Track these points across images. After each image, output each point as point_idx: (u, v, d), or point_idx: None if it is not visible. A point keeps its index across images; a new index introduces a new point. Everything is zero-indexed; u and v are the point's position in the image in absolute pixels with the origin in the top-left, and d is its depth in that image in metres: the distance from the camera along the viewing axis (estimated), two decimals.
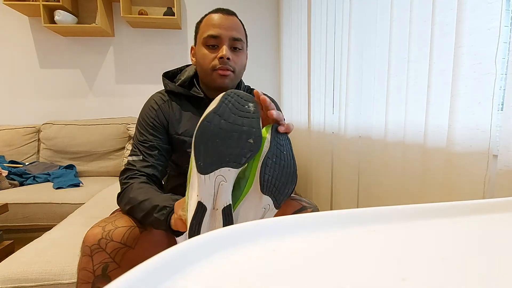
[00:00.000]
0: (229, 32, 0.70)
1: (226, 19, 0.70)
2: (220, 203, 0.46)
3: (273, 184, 0.50)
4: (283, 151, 0.52)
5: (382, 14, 0.97)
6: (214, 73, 0.70)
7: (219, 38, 0.69)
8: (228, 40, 0.70)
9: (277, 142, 0.51)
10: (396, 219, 0.32)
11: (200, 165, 0.45)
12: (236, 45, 0.71)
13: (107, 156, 2.04)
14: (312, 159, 1.66)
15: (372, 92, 1.06)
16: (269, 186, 0.50)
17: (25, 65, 2.16)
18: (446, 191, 0.70)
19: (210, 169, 0.45)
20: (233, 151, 0.46)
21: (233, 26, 0.70)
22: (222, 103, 0.47)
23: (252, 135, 0.48)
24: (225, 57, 0.68)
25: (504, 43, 0.60)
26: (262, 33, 2.39)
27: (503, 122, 0.58)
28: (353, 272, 0.23)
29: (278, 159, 0.51)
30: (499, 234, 0.30)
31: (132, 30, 2.23)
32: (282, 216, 0.30)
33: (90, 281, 0.57)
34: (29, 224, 1.46)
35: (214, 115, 0.46)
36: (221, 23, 0.69)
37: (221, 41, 0.70)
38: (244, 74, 0.79)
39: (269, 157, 0.50)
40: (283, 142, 0.53)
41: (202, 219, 0.45)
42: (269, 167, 0.50)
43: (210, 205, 0.46)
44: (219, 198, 0.46)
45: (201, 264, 0.23)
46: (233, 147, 0.46)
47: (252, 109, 0.49)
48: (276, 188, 0.51)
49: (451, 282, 0.21)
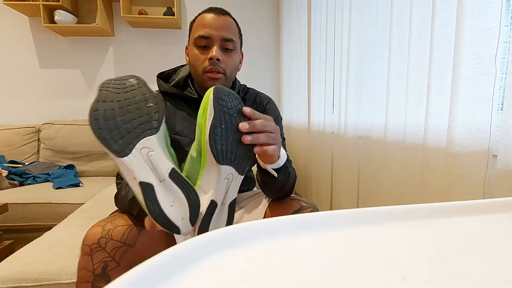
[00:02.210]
0: (220, 33, 0.69)
1: (217, 19, 0.69)
2: (162, 172, 0.43)
3: (230, 152, 0.46)
4: (234, 114, 0.47)
5: (382, 14, 0.97)
6: (205, 75, 0.70)
7: (210, 38, 0.69)
8: (218, 41, 0.69)
9: (223, 106, 0.46)
10: (396, 219, 0.32)
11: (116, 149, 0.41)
12: (227, 46, 0.70)
13: (107, 156, 2.03)
14: (312, 159, 1.66)
15: (372, 92, 1.06)
16: (225, 155, 0.46)
17: (25, 65, 2.16)
18: (446, 191, 0.70)
19: (127, 148, 0.42)
20: (138, 121, 0.44)
21: (224, 26, 0.70)
22: (101, 91, 0.44)
23: (149, 98, 0.46)
24: (214, 58, 0.68)
25: (504, 43, 0.60)
26: (262, 33, 2.39)
27: (503, 122, 0.58)
28: (353, 272, 0.23)
29: (229, 124, 0.46)
30: (499, 234, 0.30)
31: (132, 30, 2.23)
32: (282, 216, 0.30)
33: (90, 280, 0.57)
34: (29, 224, 1.46)
35: (98, 103, 0.43)
36: (212, 24, 0.69)
37: (212, 42, 0.69)
38: (244, 74, 0.80)
39: (216, 125, 0.45)
40: (231, 104, 0.47)
41: (152, 195, 0.42)
42: (219, 136, 0.45)
43: (153, 179, 0.43)
44: (157, 168, 0.43)
45: (201, 264, 0.23)
46: (136, 118, 0.44)
47: (134, 81, 0.47)
48: (235, 155, 0.47)
49: (451, 282, 0.21)
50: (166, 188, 0.43)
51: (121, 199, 0.66)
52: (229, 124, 0.47)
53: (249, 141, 0.48)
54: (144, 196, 0.41)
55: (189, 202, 0.44)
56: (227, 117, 0.47)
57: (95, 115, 0.42)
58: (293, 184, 0.72)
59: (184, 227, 0.43)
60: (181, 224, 0.43)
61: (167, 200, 0.42)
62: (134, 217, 0.65)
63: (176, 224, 0.42)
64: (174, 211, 0.42)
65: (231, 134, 0.47)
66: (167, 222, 0.42)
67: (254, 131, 0.49)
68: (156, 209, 0.41)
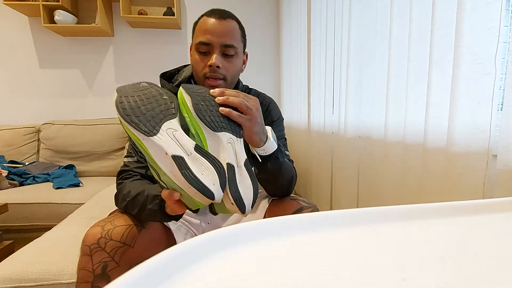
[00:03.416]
0: (221, 39, 0.68)
1: (219, 25, 0.68)
2: (188, 147, 0.49)
3: (218, 120, 0.54)
4: (207, 95, 0.57)
5: (382, 14, 0.97)
6: (206, 81, 0.70)
7: (210, 45, 0.68)
8: (219, 47, 0.69)
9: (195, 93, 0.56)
10: (396, 219, 0.32)
11: (146, 130, 0.47)
12: (228, 52, 0.70)
13: (107, 156, 2.04)
14: (312, 159, 1.66)
15: (372, 92, 1.06)
16: (216, 124, 0.53)
17: (25, 65, 2.16)
18: (446, 191, 0.70)
19: (155, 129, 0.48)
20: (159, 108, 0.51)
21: (225, 32, 0.69)
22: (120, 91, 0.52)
23: (163, 93, 0.54)
24: (214, 66, 0.68)
25: (503, 43, 0.60)
26: (262, 33, 2.39)
27: (502, 122, 0.58)
28: (353, 272, 0.23)
29: (207, 101, 0.55)
30: (499, 234, 0.30)
31: (132, 30, 2.23)
32: (282, 216, 0.30)
33: (89, 280, 0.57)
34: (29, 224, 1.46)
35: (121, 97, 0.50)
36: (212, 30, 0.68)
37: (212, 48, 0.69)
38: (244, 74, 0.79)
39: (196, 103, 0.53)
40: (201, 91, 0.57)
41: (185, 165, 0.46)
42: (203, 110, 0.53)
43: (182, 153, 0.48)
44: (183, 144, 0.49)
45: (201, 264, 0.23)
46: (156, 106, 0.51)
47: (146, 84, 0.56)
48: (225, 123, 0.55)
49: (451, 282, 0.21)
50: (195, 160, 0.48)
51: (122, 198, 0.66)
52: (207, 101, 0.56)
53: (221, 100, 0.56)
54: (178, 166, 0.46)
55: (216, 170, 0.48)
56: (202, 97, 0.56)
57: (122, 105, 0.49)
58: (290, 180, 0.72)
59: (217, 193, 0.47)
60: (214, 189, 0.47)
61: (197, 170, 0.47)
62: (134, 217, 0.65)
63: (211, 189, 0.46)
64: (206, 179, 0.46)
65: (212, 107, 0.55)
66: (203, 187, 0.45)
67: (224, 95, 0.57)
68: (191, 176, 0.45)
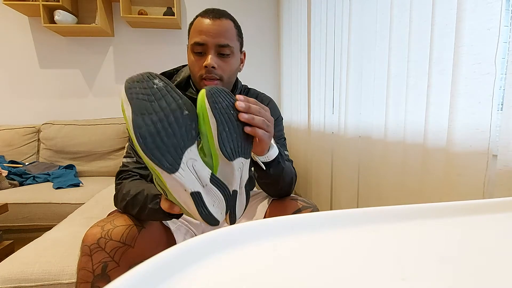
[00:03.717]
0: (215, 39, 0.68)
1: (213, 25, 0.68)
2: (204, 178, 0.46)
3: (237, 146, 0.49)
4: (230, 111, 0.49)
5: (382, 14, 0.97)
6: (202, 82, 0.70)
7: (205, 45, 0.68)
8: (214, 47, 0.68)
9: (220, 108, 0.47)
10: (396, 219, 0.32)
11: (168, 167, 0.41)
12: (223, 51, 0.69)
13: (107, 156, 2.04)
14: (312, 159, 1.66)
15: (372, 92, 1.06)
16: (234, 152, 0.49)
17: (25, 65, 2.16)
18: (446, 191, 0.70)
19: (176, 163, 0.42)
20: (180, 132, 0.44)
21: (220, 32, 0.68)
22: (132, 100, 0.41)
23: (182, 106, 0.45)
24: (209, 66, 0.67)
25: (503, 43, 0.60)
26: (262, 33, 2.39)
27: (502, 122, 0.58)
28: (353, 272, 0.23)
29: (229, 123, 0.48)
30: (499, 234, 0.30)
31: (132, 30, 2.23)
32: (282, 216, 0.30)
33: (89, 280, 0.57)
34: (29, 224, 1.46)
35: (137, 117, 0.41)
36: (207, 30, 0.68)
37: (207, 49, 0.68)
38: (244, 74, 0.79)
39: (221, 130, 0.47)
40: (226, 103, 0.49)
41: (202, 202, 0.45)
42: (226, 139, 0.47)
43: (200, 187, 0.45)
44: (200, 176, 0.46)
45: (201, 264, 0.23)
46: (177, 130, 0.43)
47: (161, 84, 0.45)
48: (241, 147, 0.50)
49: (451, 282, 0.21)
50: (209, 192, 0.47)
51: (121, 198, 0.65)
52: (230, 123, 0.49)
53: (246, 119, 0.51)
54: (196, 204, 0.45)
55: (225, 199, 0.48)
56: (226, 117, 0.48)
57: (141, 133, 0.40)
58: (290, 181, 0.72)
59: (221, 219, 0.48)
60: (220, 217, 0.48)
61: (210, 202, 0.46)
62: (133, 217, 0.65)
63: (217, 218, 0.47)
64: (215, 210, 0.47)
65: (234, 131, 0.49)
66: (212, 220, 0.46)
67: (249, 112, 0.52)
68: (206, 213, 0.45)
